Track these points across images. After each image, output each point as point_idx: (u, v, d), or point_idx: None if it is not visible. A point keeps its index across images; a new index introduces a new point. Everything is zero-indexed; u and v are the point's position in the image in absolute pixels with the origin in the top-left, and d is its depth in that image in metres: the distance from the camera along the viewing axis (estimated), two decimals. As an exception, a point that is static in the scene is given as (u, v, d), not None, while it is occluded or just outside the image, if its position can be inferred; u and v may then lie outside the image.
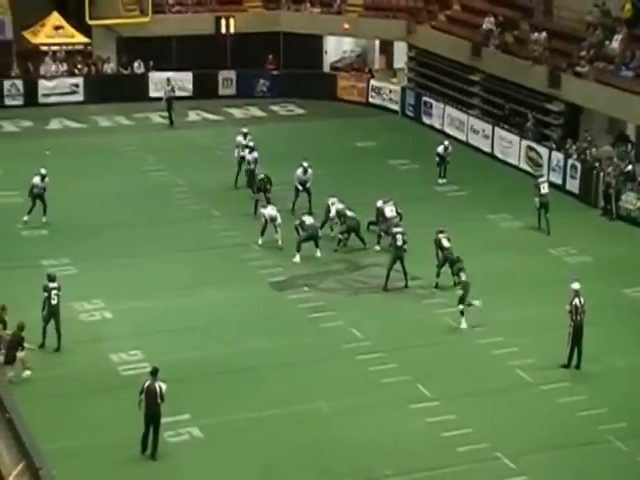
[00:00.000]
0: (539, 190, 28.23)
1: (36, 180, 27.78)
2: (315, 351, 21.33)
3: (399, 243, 23.86)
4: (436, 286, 24.24)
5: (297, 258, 25.32)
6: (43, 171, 27.93)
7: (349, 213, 26.54)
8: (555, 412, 19.27)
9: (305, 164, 28.65)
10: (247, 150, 30.55)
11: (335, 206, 26.69)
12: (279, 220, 26.17)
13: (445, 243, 24.31)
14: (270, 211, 26.34)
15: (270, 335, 22.00)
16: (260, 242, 26.32)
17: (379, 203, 26.80)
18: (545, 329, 22.13)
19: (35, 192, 27.70)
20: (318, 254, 25.46)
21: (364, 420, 18.86)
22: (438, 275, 24.24)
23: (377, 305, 23.60)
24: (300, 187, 28.61)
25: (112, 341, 21.52)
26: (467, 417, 18.91)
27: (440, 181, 31.77)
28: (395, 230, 24.40)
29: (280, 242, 26.03)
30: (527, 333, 22.16)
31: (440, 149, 31.91)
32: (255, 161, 30.22)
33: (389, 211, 26.23)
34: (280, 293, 24.00)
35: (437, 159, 31.97)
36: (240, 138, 31.69)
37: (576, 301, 20.50)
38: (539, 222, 28.08)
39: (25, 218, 27.66)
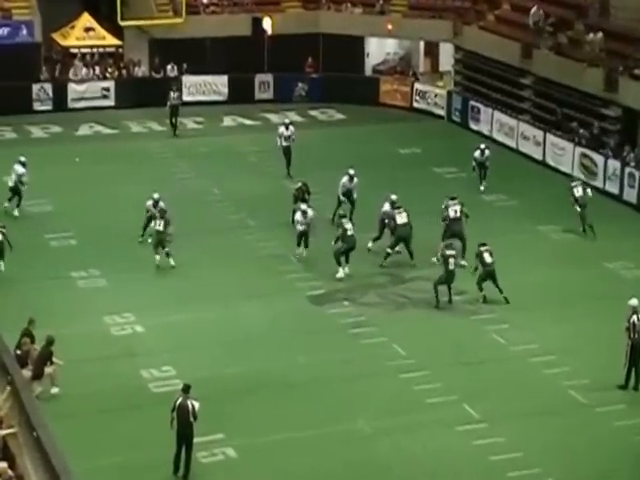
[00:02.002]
0: (573, 194, 28.52)
1: (20, 169, 28.38)
2: (356, 368, 21.33)
3: (451, 267, 23.55)
4: (484, 300, 24.14)
5: (341, 273, 25.20)
6: (22, 159, 28.47)
7: (400, 219, 26.08)
8: (611, 436, 19.10)
9: (351, 172, 28.70)
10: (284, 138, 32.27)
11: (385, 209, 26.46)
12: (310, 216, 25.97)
13: (487, 258, 24.13)
14: (299, 217, 26.11)
15: (309, 351, 22.04)
16: (302, 252, 26.27)
17: (386, 207, 26.45)
18: (600, 347, 21.97)
19: (16, 181, 28.34)
20: (341, 273, 25.16)
21: (407, 442, 18.82)
22: (481, 289, 24.15)
23: (421, 321, 23.57)
24: (342, 197, 28.59)
25: (143, 356, 21.69)
26: (517, 440, 18.81)
27: (482, 187, 31.62)
28: (448, 252, 24.20)
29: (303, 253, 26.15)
30: (581, 351, 22.02)
31: (477, 154, 31.76)
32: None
33: (400, 218, 25.96)
34: (319, 307, 24.05)
35: (473, 164, 31.84)
36: (282, 129, 32.69)
37: (634, 318, 20.33)
38: (583, 227, 28.30)
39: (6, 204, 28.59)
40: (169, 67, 41.17)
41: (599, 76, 33.83)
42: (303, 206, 26.60)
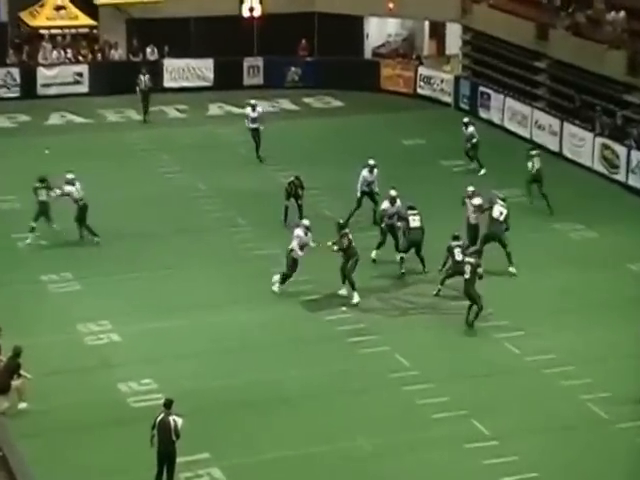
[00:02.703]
0: (533, 164, 29.66)
1: None
2: (355, 381, 21.39)
3: (467, 276, 23.42)
4: (437, 294, 24.46)
5: (357, 297, 24.46)
6: None
7: (413, 222, 25.86)
8: (635, 454, 19.16)
9: (371, 162, 28.77)
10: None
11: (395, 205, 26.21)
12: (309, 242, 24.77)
13: (458, 255, 24.32)
14: (299, 233, 24.77)
15: (303, 362, 22.09)
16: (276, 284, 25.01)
17: (385, 205, 26.30)
18: (622, 357, 22.05)
19: None
20: (357, 297, 24.54)
21: (411, 461, 18.88)
22: (442, 283, 24.48)
23: (426, 328, 23.63)
24: (359, 194, 28.60)
25: (121, 368, 21.69)
26: (531, 459, 18.86)
27: (482, 172, 32.57)
28: (454, 244, 24.38)
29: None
30: (602, 362, 22.08)
31: (471, 130, 32.62)
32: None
33: (413, 221, 25.87)
34: (315, 314, 24.10)
35: (468, 145, 32.42)
36: (249, 110, 33.40)
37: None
38: (529, 196, 29.89)
39: None
40: (149, 50, 41.21)
41: (621, 59, 33.93)
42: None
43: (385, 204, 26.47)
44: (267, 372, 21.61)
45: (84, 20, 41.43)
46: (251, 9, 41.66)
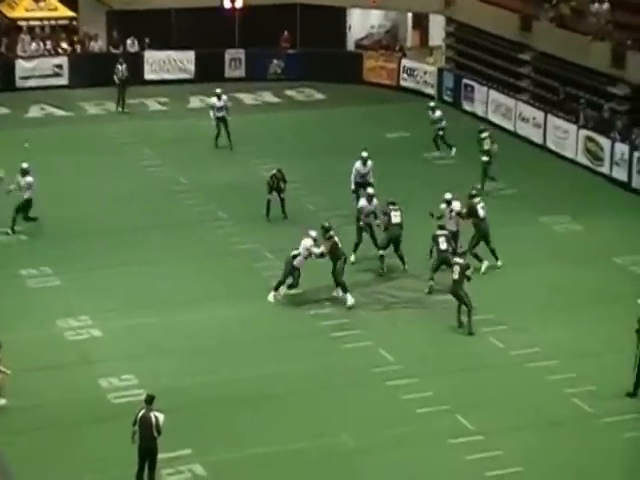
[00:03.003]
0: (482, 146, 30.40)
1: None
2: (339, 376, 21.36)
3: (455, 277, 23.18)
4: (430, 291, 24.34)
5: (351, 299, 24.10)
6: None
7: (395, 217, 25.63)
8: (620, 448, 19.20)
9: (364, 154, 28.78)
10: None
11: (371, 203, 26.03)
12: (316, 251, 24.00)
13: (442, 244, 24.36)
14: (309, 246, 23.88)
15: (286, 358, 22.04)
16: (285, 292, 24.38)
17: (363, 202, 26.09)
18: (608, 351, 22.07)
19: None
20: (352, 299, 24.24)
21: (395, 456, 18.85)
22: (432, 278, 24.37)
23: (410, 323, 23.61)
24: (353, 186, 28.60)
25: (101, 364, 21.59)
26: (516, 454, 18.86)
27: (437, 154, 33.29)
28: (438, 232, 24.46)
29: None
30: (587, 356, 22.10)
31: (438, 114, 33.20)
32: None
33: (394, 217, 25.69)
34: (298, 309, 24.05)
35: (439, 132, 32.96)
36: (214, 99, 33.73)
37: (646, 317, 20.43)
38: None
39: None
40: (129, 42, 41.07)
41: (605, 51, 33.97)
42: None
43: (362, 202, 26.30)
44: (249, 368, 21.55)
45: (63, 11, 41.27)
46: (233, 0, 41.53)
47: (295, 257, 23.97)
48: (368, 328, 23.15)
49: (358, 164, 28.76)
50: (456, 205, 25.87)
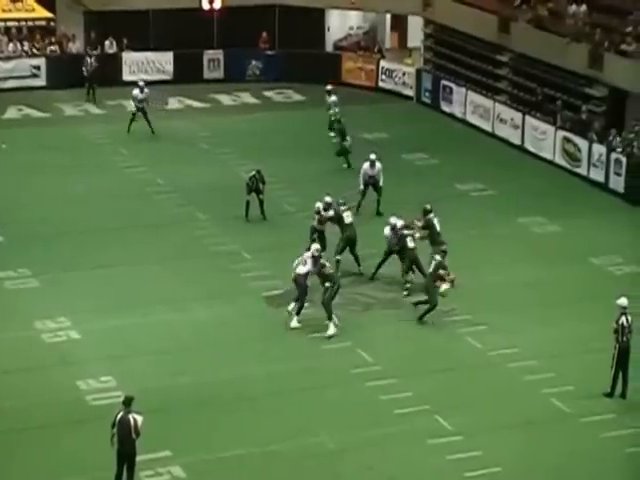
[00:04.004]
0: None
1: None
2: (318, 377, 21.36)
3: (411, 245, 23.42)
4: (408, 294, 24.32)
5: (332, 329, 22.87)
6: None
7: (347, 218, 25.62)
8: (598, 448, 19.27)
9: (372, 156, 28.87)
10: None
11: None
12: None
13: (410, 243, 24.38)
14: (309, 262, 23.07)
15: (265, 359, 22.02)
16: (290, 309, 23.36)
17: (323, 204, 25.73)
18: (586, 352, 22.15)
19: None
20: (332, 329, 23.08)
21: (374, 457, 18.86)
22: (407, 281, 24.43)
23: (389, 323, 23.63)
24: (362, 187, 28.67)
25: (80, 366, 21.51)
26: (495, 454, 18.90)
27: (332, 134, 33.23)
28: (406, 232, 24.48)
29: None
30: (565, 356, 22.17)
31: (333, 99, 34.06)
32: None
33: (347, 217, 25.56)
34: (277, 310, 24.02)
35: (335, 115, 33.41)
36: (137, 91, 34.67)
37: (623, 319, 20.50)
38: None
39: None
40: (107, 43, 40.95)
41: (583, 52, 34.09)
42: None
43: (317, 205, 25.89)
44: (228, 369, 21.52)
45: (41, 12, 41.09)
46: (211, 1, 41.43)
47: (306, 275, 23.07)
48: (347, 329, 23.14)
49: (366, 166, 28.94)
50: (399, 223, 25.10)
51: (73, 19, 41.66)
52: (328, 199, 26.00)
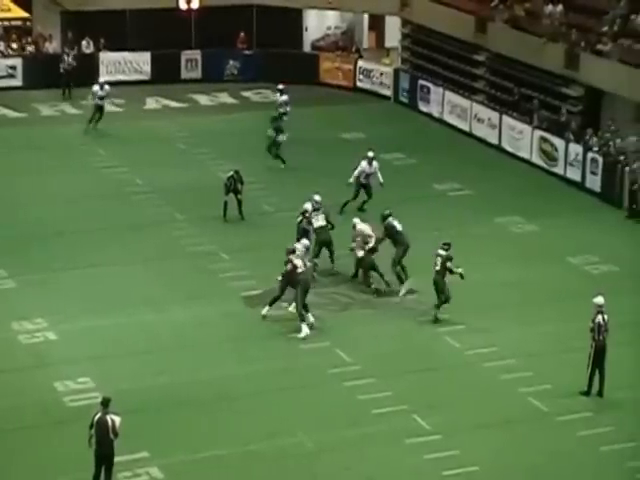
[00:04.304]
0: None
1: None
2: (295, 377, 21.35)
3: (437, 268, 23.21)
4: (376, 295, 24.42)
5: (305, 330, 22.77)
6: None
7: (317, 222, 25.34)
8: (575, 447, 19.34)
9: (370, 154, 28.94)
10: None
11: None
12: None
13: (359, 253, 24.41)
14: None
15: (243, 359, 22.00)
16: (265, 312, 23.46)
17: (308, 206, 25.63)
18: (563, 350, 22.23)
19: None
20: (305, 330, 22.95)
21: (353, 457, 18.87)
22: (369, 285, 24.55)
23: (367, 323, 23.64)
24: (356, 186, 28.75)
25: (57, 367, 21.45)
26: (473, 453, 18.94)
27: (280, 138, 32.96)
28: (438, 252, 23.78)
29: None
30: (542, 355, 22.24)
31: (284, 98, 34.23)
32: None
33: (316, 221, 25.50)
34: (255, 310, 24.00)
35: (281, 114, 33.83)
36: (96, 88, 35.26)
37: (599, 318, 20.59)
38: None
39: None
40: (84, 43, 40.80)
41: (559, 52, 34.21)
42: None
43: (308, 205, 25.80)
44: (206, 369, 21.49)
45: (17, 12, 40.92)
46: (188, 1, 41.34)
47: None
48: (325, 329, 23.15)
49: (364, 163, 29.02)
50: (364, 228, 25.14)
51: (50, 19, 41.49)
52: (317, 198, 26.00)
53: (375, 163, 29.04)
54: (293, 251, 23.30)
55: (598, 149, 31.68)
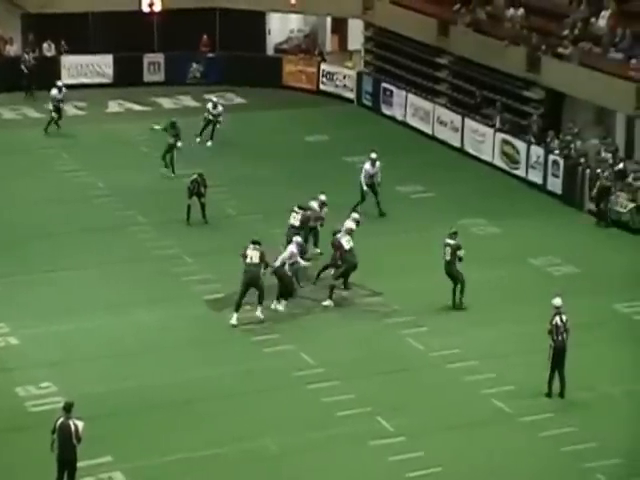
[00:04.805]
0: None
1: None
2: (260, 380, 21.33)
3: (447, 257, 23.77)
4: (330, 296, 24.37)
5: (259, 312, 23.47)
6: None
7: (294, 219, 25.69)
8: (537, 447, 19.44)
9: (373, 155, 29.12)
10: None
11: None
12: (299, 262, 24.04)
13: (346, 244, 24.32)
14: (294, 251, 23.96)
15: (207, 362, 21.95)
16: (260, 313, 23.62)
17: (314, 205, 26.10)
18: (525, 352, 22.32)
19: None
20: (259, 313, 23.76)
21: (317, 459, 18.88)
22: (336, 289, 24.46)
23: (331, 326, 23.66)
24: (365, 187, 28.90)
25: (19, 371, 21.31)
26: (436, 454, 19.00)
27: (198, 140, 34.07)
28: (447, 241, 24.19)
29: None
30: (504, 357, 22.34)
31: (220, 109, 34.61)
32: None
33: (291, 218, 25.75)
34: (218, 313, 23.96)
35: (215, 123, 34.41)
36: (55, 92, 35.32)
37: (557, 319, 20.72)
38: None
39: None
40: (45, 45, 40.57)
41: (521, 55, 34.41)
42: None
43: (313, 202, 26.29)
44: (170, 373, 21.42)
45: (-23, 15, 40.63)
46: (151, 4, 41.24)
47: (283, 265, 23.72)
48: (289, 332, 23.15)
49: (367, 165, 29.21)
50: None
51: (10, 22, 41.22)
52: (323, 197, 26.25)
53: (378, 164, 29.17)
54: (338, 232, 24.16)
55: (559, 151, 31.88)
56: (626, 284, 25.71)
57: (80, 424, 17.20)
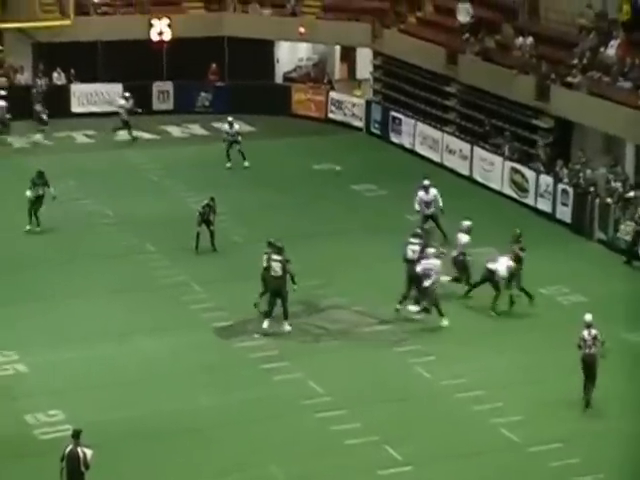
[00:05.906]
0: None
1: None
2: (268, 408, 21.39)
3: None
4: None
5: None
6: None
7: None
8: (546, 477, 19.45)
9: (426, 182, 29.22)
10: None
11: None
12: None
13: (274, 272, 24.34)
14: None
15: (216, 390, 22.03)
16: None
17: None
18: (534, 381, 22.38)
19: None
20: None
21: (325, 489, 18.95)
22: None
23: (339, 354, 23.73)
24: (422, 216, 29.14)
25: (27, 399, 21.41)
26: (445, 484, 19.05)
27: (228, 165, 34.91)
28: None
29: None
30: (513, 385, 22.38)
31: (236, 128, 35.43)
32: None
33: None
34: (227, 341, 24.07)
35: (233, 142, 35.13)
36: (123, 102, 37.10)
37: (584, 333, 21.21)
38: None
39: None
40: (55, 74, 40.89)
41: (530, 84, 34.59)
42: None
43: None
44: (177, 401, 21.50)
45: (-12, 44, 40.99)
46: (160, 33, 41.63)
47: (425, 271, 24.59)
48: (298, 360, 23.22)
49: (421, 193, 29.33)
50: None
51: (21, 50, 41.55)
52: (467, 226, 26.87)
53: (433, 190, 29.25)
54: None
55: (568, 180, 32.00)
56: (635, 313, 25.72)
57: (88, 452, 17.29)
